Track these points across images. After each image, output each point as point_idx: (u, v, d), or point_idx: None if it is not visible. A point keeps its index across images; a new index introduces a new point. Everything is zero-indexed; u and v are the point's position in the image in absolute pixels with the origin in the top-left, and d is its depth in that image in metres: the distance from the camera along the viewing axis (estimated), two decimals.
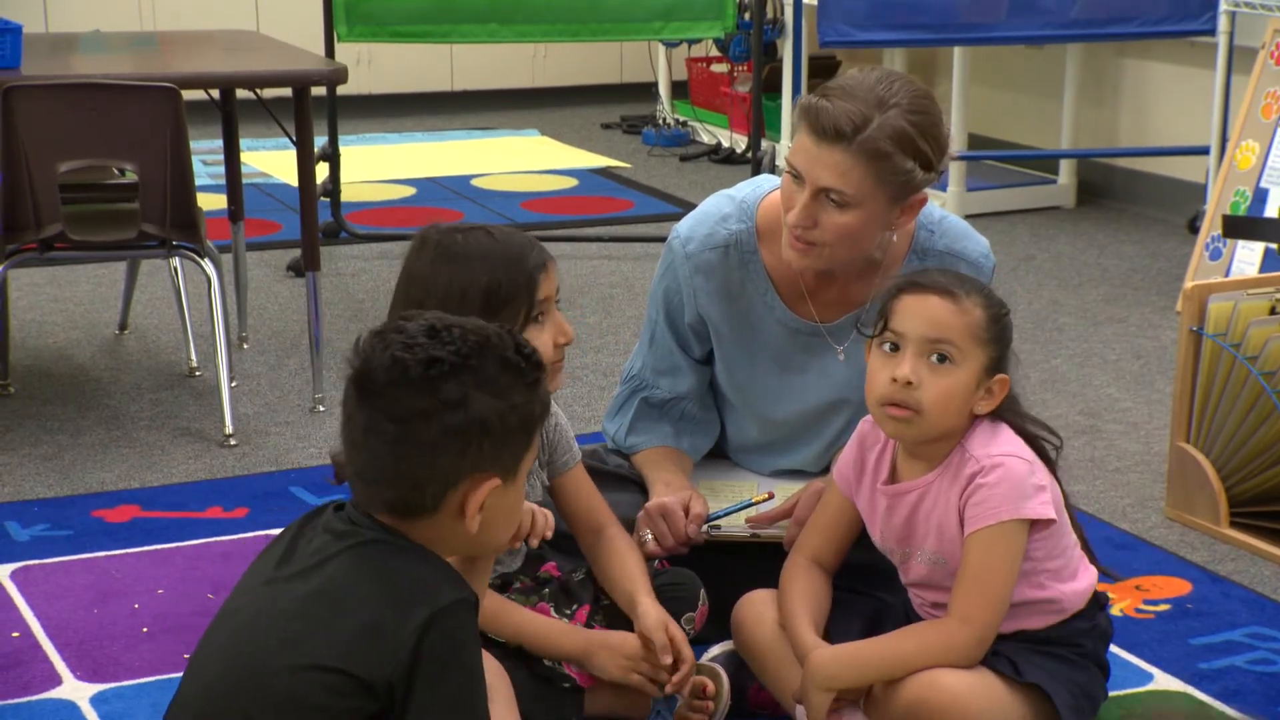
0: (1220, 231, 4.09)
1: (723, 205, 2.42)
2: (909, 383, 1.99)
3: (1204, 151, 4.77)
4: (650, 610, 2.12)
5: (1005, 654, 2.04)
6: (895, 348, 2.02)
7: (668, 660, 2.08)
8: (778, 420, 2.49)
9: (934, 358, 2.00)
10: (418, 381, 1.58)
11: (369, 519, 1.63)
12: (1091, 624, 2.11)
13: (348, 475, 1.67)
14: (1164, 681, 2.38)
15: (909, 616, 2.15)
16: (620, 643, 2.10)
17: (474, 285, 2.03)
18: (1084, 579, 2.10)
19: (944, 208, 6.00)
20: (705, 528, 2.36)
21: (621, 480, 2.45)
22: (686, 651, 2.11)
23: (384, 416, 1.59)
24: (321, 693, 1.54)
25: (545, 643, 2.10)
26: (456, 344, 1.60)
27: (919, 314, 2.00)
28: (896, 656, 2.01)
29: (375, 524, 1.63)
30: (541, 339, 2.08)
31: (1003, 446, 2.02)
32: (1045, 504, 2.00)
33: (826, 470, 2.52)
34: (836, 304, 2.41)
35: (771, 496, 2.42)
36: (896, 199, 2.23)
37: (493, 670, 1.89)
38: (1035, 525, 2.00)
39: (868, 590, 2.23)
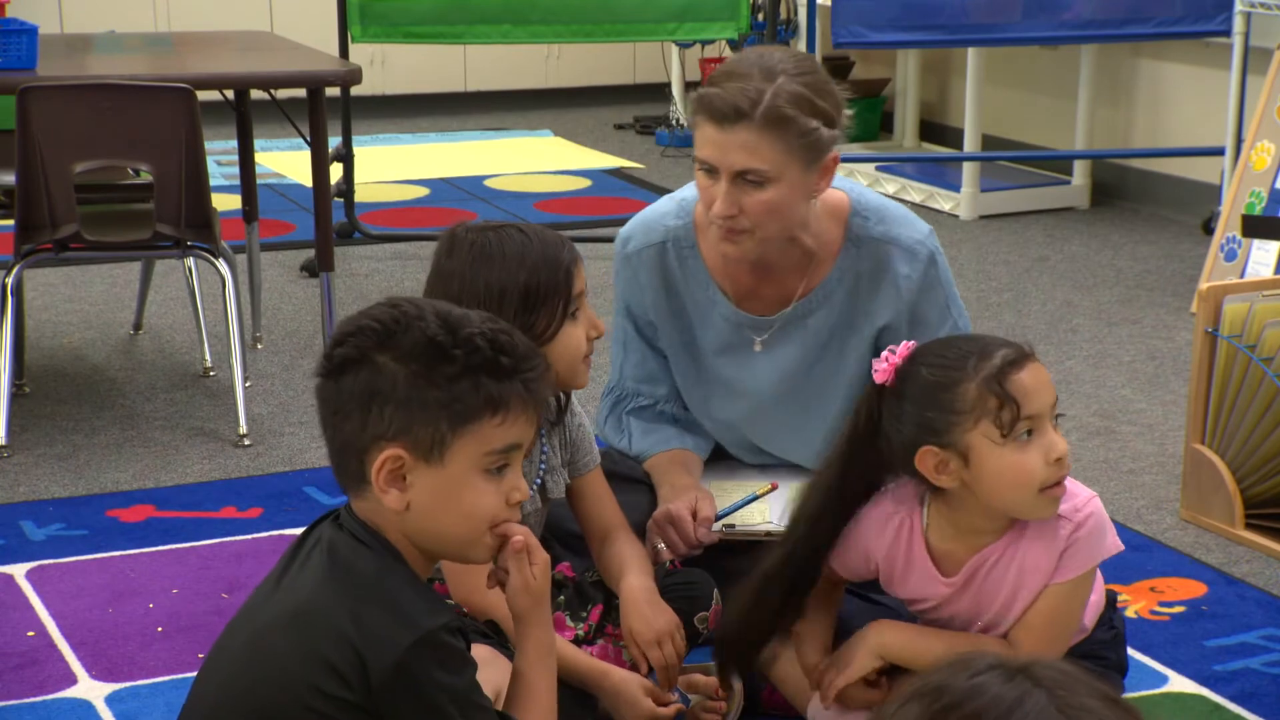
0: (1237, 232, 4.09)
1: (664, 204, 2.46)
2: (1059, 460, 1.89)
3: (1219, 152, 4.76)
4: (636, 581, 2.13)
5: None
6: (1030, 432, 1.89)
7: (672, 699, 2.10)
8: (736, 417, 2.50)
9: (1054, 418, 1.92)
10: (330, 345, 1.62)
11: (354, 519, 1.63)
12: (1111, 632, 2.10)
13: None
14: (1179, 684, 2.37)
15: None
16: (632, 699, 2.07)
17: (513, 285, 2.04)
18: (1097, 591, 2.09)
19: (958, 209, 5.91)
20: (720, 527, 2.36)
21: (632, 482, 2.45)
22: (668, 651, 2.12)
23: (317, 383, 1.64)
24: (327, 711, 1.54)
25: (561, 670, 2.08)
26: (384, 315, 1.61)
27: (1040, 385, 1.90)
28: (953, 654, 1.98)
29: (360, 525, 1.62)
30: (575, 334, 2.10)
31: (1080, 491, 1.98)
32: (1115, 536, 1.99)
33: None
34: (775, 299, 2.42)
35: (775, 488, 2.42)
36: (810, 163, 2.24)
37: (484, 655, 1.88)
38: None
39: (879, 599, 2.22)
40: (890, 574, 2.04)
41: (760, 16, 5.69)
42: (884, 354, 1.96)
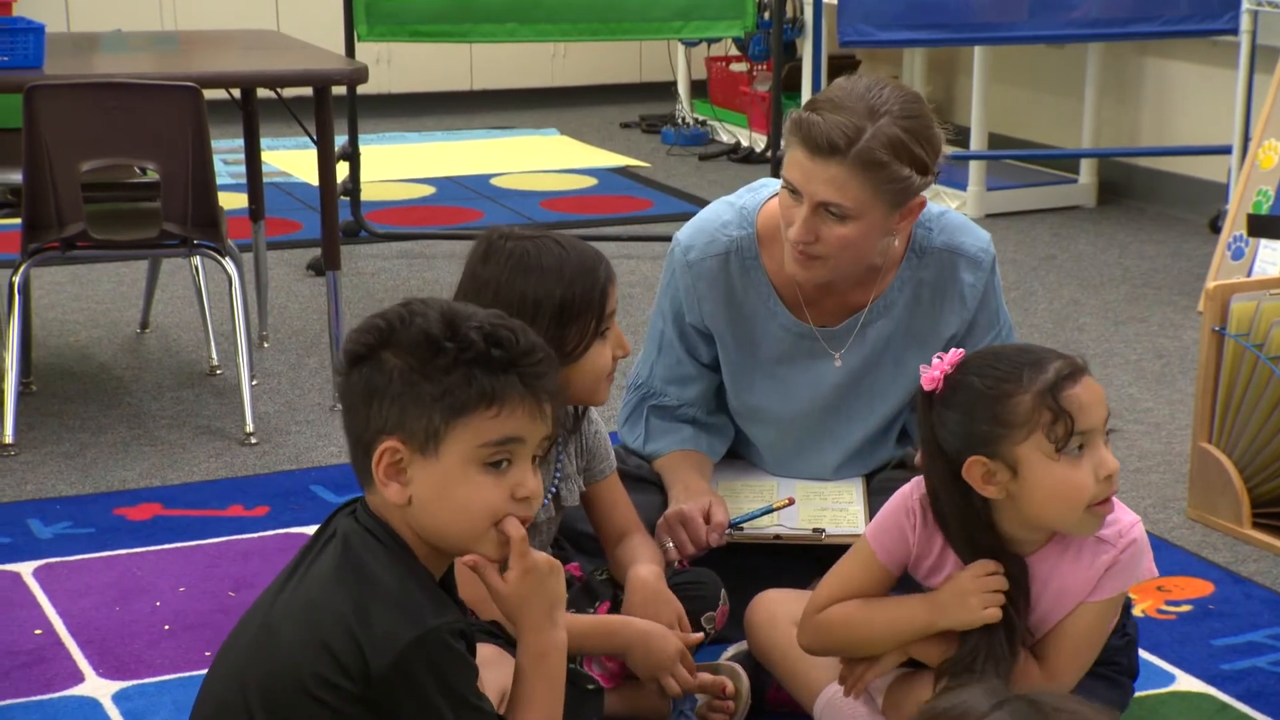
0: (1244, 231, 4.08)
1: (723, 212, 2.43)
2: (1109, 477, 1.88)
3: (1226, 151, 4.75)
4: (642, 570, 2.13)
5: None
6: (1081, 447, 1.87)
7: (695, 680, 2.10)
8: (782, 425, 2.49)
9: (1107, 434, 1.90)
10: (344, 343, 1.67)
11: (369, 514, 1.65)
12: (1125, 639, 2.10)
13: None
14: (1186, 683, 2.37)
15: None
16: (661, 642, 2.07)
17: (548, 298, 2.03)
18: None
19: (964, 208, 5.92)
20: (728, 531, 2.35)
21: (641, 482, 2.45)
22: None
23: (337, 379, 1.71)
24: (328, 700, 1.56)
25: (577, 641, 2.08)
26: (392, 313, 1.65)
27: (1094, 400, 1.86)
28: None
29: (374, 520, 1.64)
30: (603, 353, 2.09)
31: (1124, 515, 1.97)
32: (1151, 560, 1.99)
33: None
34: (836, 309, 2.41)
35: (792, 502, 2.41)
36: (895, 206, 2.22)
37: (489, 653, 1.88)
38: None
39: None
40: (921, 564, 2.03)
41: (766, 15, 5.69)
42: (933, 360, 1.92)
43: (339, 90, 3.88)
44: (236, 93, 3.80)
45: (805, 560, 2.41)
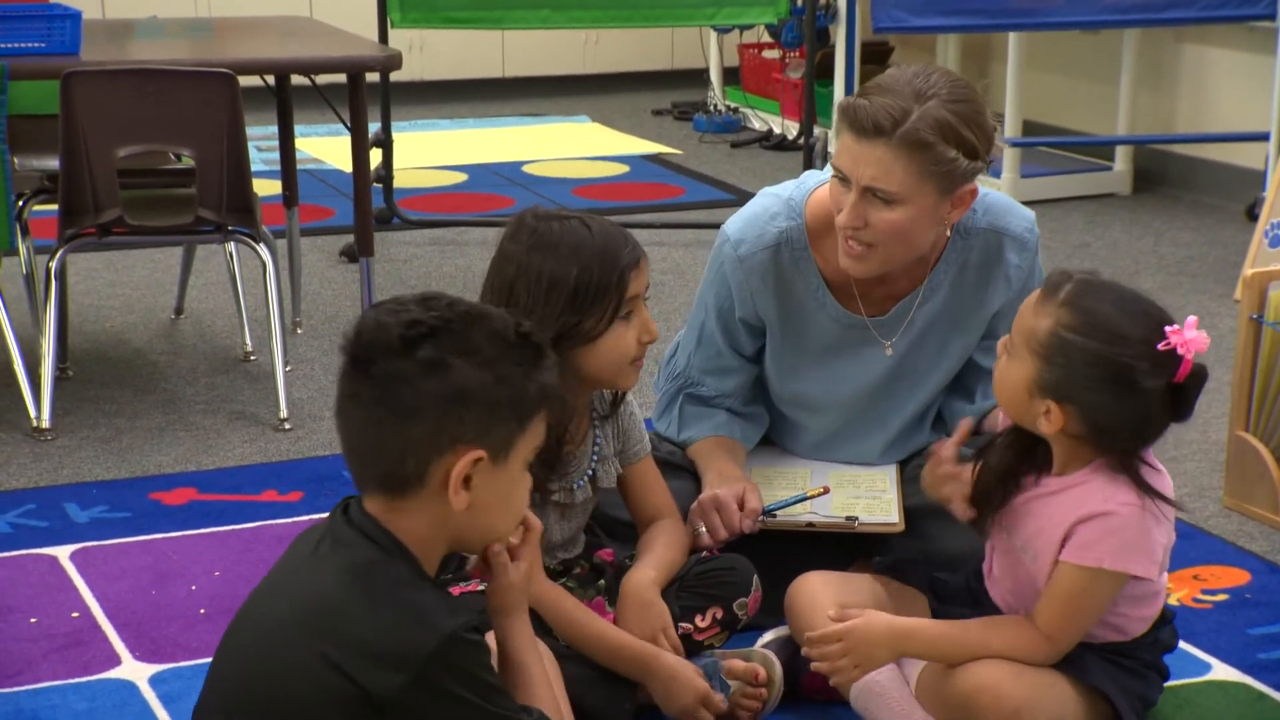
0: None
1: (771, 204, 2.42)
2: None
3: (1263, 137, 4.72)
4: (637, 574, 2.14)
5: (1069, 655, 2.04)
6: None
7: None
8: (830, 412, 2.49)
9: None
10: (396, 343, 1.55)
11: (367, 519, 1.60)
12: (1153, 639, 2.10)
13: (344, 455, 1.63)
14: (1222, 672, 2.36)
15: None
16: (687, 680, 2.08)
17: (564, 276, 2.03)
18: (1153, 606, 2.09)
19: None
20: (760, 517, 2.35)
21: (675, 468, 2.45)
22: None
23: (364, 381, 1.57)
24: (331, 701, 1.53)
25: (607, 656, 2.09)
26: (442, 311, 1.57)
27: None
28: (974, 643, 2.03)
29: (374, 525, 1.59)
30: (627, 336, 2.09)
31: (1127, 496, 2.00)
32: (1150, 564, 2.00)
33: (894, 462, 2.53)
34: (885, 298, 2.40)
35: (827, 491, 2.41)
36: (945, 191, 2.21)
37: (545, 655, 1.89)
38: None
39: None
40: None
41: (799, 1, 5.67)
42: None
43: (372, 77, 3.89)
44: (271, 79, 3.81)
45: (838, 548, 2.41)
